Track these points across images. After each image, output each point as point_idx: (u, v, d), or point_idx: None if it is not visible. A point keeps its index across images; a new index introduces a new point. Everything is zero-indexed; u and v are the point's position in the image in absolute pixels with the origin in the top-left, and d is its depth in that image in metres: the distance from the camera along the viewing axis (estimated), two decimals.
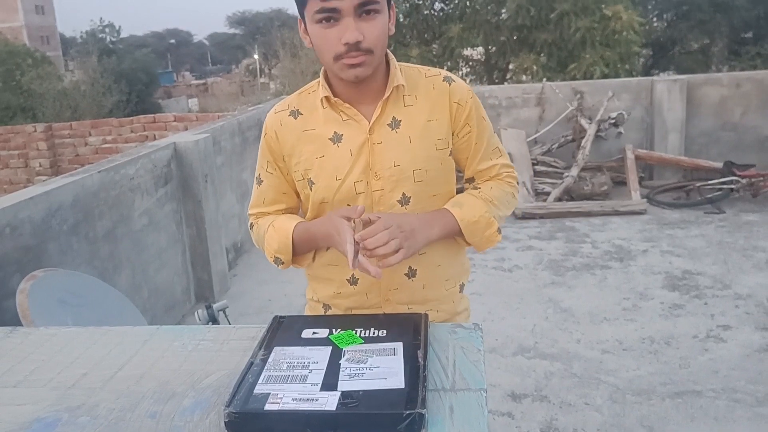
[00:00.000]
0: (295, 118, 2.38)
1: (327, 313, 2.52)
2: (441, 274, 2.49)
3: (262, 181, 2.51)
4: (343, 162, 2.29)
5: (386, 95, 2.29)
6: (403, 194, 2.31)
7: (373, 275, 2.01)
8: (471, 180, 2.53)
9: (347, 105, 2.29)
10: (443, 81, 2.38)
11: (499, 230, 2.45)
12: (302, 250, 2.41)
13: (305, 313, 2.65)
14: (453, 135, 2.39)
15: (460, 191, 2.47)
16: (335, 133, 2.31)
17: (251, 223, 2.59)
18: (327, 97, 2.30)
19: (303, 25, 2.25)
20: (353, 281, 2.41)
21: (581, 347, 5.66)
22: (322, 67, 2.35)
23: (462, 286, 2.62)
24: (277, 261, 2.43)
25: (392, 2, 2.25)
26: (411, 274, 2.41)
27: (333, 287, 2.47)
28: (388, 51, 2.33)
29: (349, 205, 2.29)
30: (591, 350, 5.60)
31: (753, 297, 6.43)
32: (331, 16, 2.09)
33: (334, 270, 2.43)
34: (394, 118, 2.30)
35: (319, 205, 2.37)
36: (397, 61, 2.35)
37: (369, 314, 2.37)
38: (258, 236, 2.53)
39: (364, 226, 2.10)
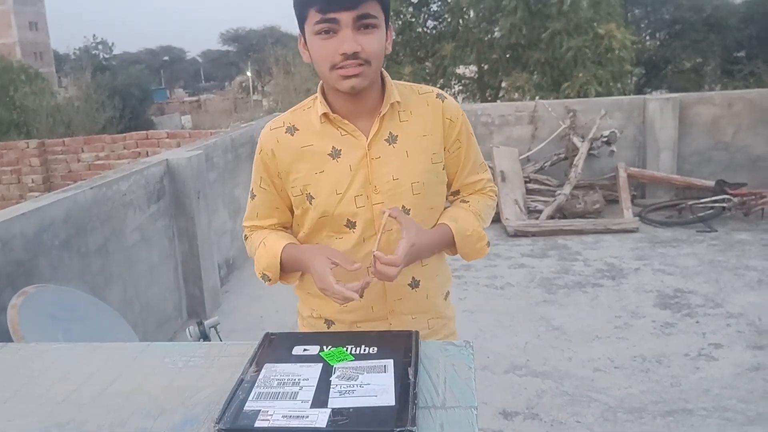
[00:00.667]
0: (292, 135, 2.43)
1: (330, 329, 2.58)
2: (439, 284, 2.62)
3: (255, 195, 2.57)
4: (343, 177, 2.36)
5: (383, 111, 2.36)
6: (403, 206, 2.38)
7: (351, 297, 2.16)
8: (456, 192, 2.65)
9: (345, 121, 2.36)
10: (436, 98, 2.48)
11: (488, 243, 2.62)
12: (289, 270, 2.50)
13: (301, 326, 2.73)
14: (445, 150, 2.48)
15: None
16: (334, 148, 2.37)
17: (245, 235, 2.66)
18: (325, 114, 2.37)
19: (303, 39, 2.34)
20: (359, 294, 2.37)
21: (573, 365, 5.66)
22: (319, 84, 2.43)
23: (447, 294, 2.74)
24: (265, 278, 2.51)
25: (390, 24, 2.34)
26: (414, 284, 2.49)
27: (338, 303, 2.41)
28: (383, 69, 2.41)
29: (349, 220, 2.39)
30: (582, 368, 5.60)
31: (744, 316, 6.44)
32: (330, 27, 2.18)
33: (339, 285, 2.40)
34: (390, 133, 2.39)
35: (318, 219, 2.42)
36: (393, 81, 2.42)
37: (360, 331, 2.45)
38: (250, 250, 2.60)
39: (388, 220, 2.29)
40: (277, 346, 1.90)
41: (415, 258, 2.36)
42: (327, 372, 1.72)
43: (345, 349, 1.85)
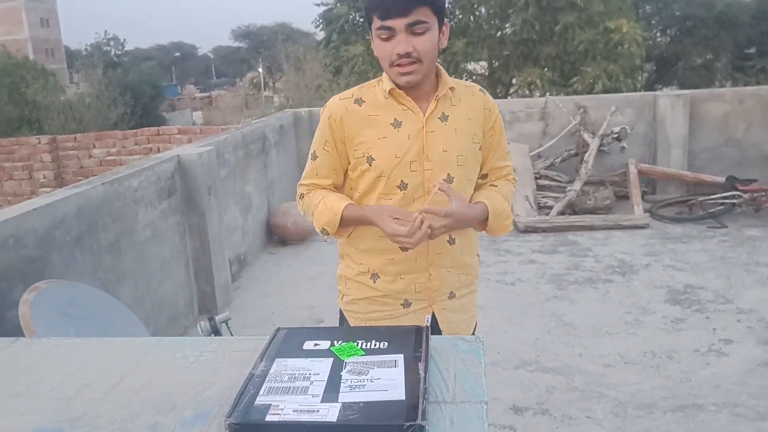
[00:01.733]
0: (360, 105, 2.86)
1: (376, 282, 3.00)
2: (472, 244, 3.09)
3: (317, 157, 2.97)
4: (402, 144, 2.79)
5: (440, 94, 2.83)
6: (448, 174, 2.83)
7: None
8: (485, 176, 3.09)
9: (408, 98, 2.81)
10: (479, 91, 3.01)
11: (513, 221, 3.14)
12: (347, 226, 2.92)
13: (342, 294, 3.17)
14: (483, 134, 2.96)
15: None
16: (395, 119, 2.81)
17: (302, 194, 3.06)
18: (391, 90, 2.80)
19: (373, 39, 2.78)
20: (404, 248, 2.86)
21: (583, 361, 5.66)
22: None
23: (478, 255, 3.18)
24: (324, 232, 2.94)
25: (445, 20, 2.79)
26: (452, 241, 2.94)
27: (386, 255, 2.94)
28: (438, 64, 2.86)
29: (402, 181, 2.81)
30: (593, 364, 5.59)
31: (755, 311, 6.43)
32: (388, 34, 2.65)
33: (387, 241, 2.81)
34: (443, 113, 2.85)
35: (376, 178, 2.84)
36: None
37: (370, 326, 2.71)
38: (307, 207, 3.02)
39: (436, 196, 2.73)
40: (287, 341, 1.90)
41: (455, 225, 2.76)
42: (337, 366, 1.72)
43: (356, 343, 1.85)
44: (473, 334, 3.12)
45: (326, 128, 2.89)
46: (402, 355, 1.77)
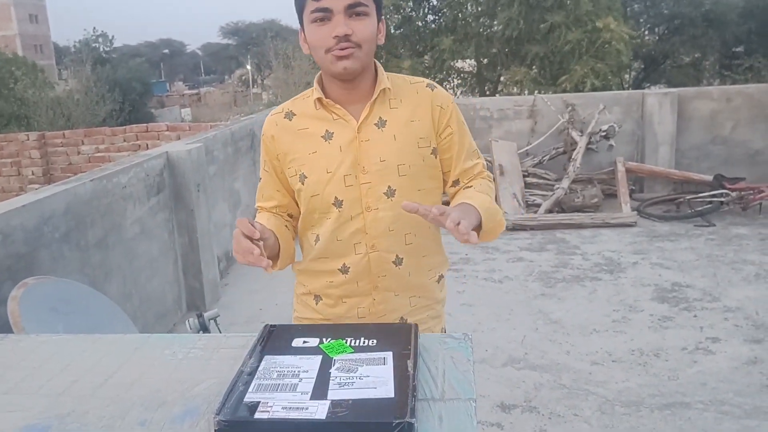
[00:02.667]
0: (290, 120, 2.62)
1: (318, 304, 2.73)
2: (425, 264, 2.70)
3: (260, 178, 2.75)
4: (334, 157, 2.51)
5: (374, 97, 2.53)
6: (389, 187, 2.52)
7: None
8: (456, 182, 2.72)
9: (338, 106, 2.53)
10: (426, 87, 2.64)
11: (503, 213, 2.68)
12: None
13: (294, 309, 2.89)
14: (437, 135, 2.62)
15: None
16: (327, 131, 2.54)
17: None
18: (319, 99, 2.54)
19: (303, 34, 2.53)
20: (344, 270, 2.60)
21: (571, 359, 5.67)
22: (317, 74, 2.61)
23: (441, 277, 2.81)
24: None
25: (383, 17, 2.56)
26: (398, 262, 2.60)
27: (325, 278, 2.66)
28: (377, 61, 2.60)
29: (336, 198, 2.52)
30: (580, 362, 5.61)
31: (742, 310, 6.45)
32: (324, 15, 2.37)
33: (325, 262, 2.63)
34: (380, 118, 2.54)
35: (311, 198, 2.57)
36: (387, 73, 2.55)
37: (359, 323, 2.52)
38: None
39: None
40: (276, 338, 1.90)
41: (471, 225, 2.26)
42: (326, 364, 1.73)
43: (344, 341, 1.85)
44: None
45: (263, 147, 2.70)
46: (391, 353, 1.78)
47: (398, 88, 2.61)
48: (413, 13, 22.56)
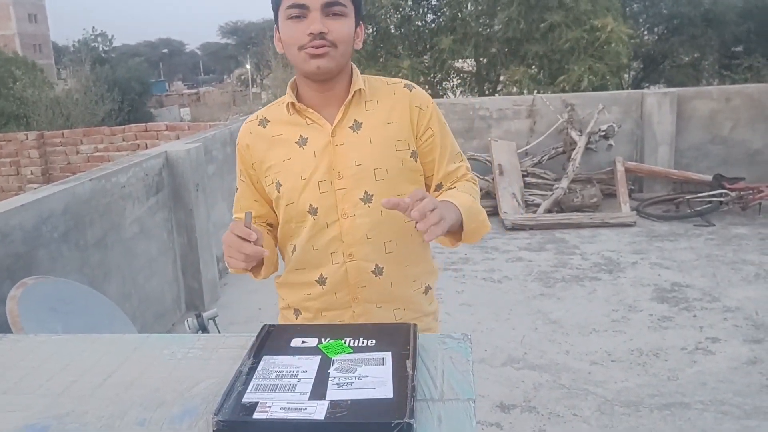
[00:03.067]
0: (264, 127, 2.55)
1: (297, 319, 2.67)
2: (408, 274, 2.58)
3: (237, 188, 2.73)
4: (308, 163, 2.43)
5: (348, 98, 2.44)
6: (366, 192, 2.42)
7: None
8: (440, 186, 2.60)
9: (311, 110, 2.45)
10: (404, 87, 2.55)
11: (486, 215, 2.57)
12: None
13: (280, 317, 2.85)
14: (416, 138, 2.52)
15: None
16: (300, 136, 2.46)
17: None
18: (292, 103, 2.47)
19: (278, 32, 2.44)
20: (322, 281, 2.52)
21: (570, 358, 5.67)
22: (291, 79, 2.57)
23: (428, 288, 2.68)
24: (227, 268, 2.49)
25: (361, 22, 2.48)
26: (378, 271, 2.49)
27: (302, 290, 2.59)
28: (353, 64, 2.52)
29: (311, 205, 2.43)
30: (580, 362, 5.61)
31: (741, 310, 6.45)
32: (300, 12, 2.29)
33: (302, 273, 2.56)
34: (355, 121, 2.45)
35: (286, 206, 2.49)
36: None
37: (358, 324, 2.45)
38: None
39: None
40: (275, 338, 1.90)
41: (447, 216, 2.15)
42: (325, 364, 1.73)
43: (343, 341, 1.85)
44: None
45: (238, 157, 2.67)
46: (390, 353, 1.77)
47: (374, 89, 2.53)
48: (412, 12, 22.53)
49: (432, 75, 22.22)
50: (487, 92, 23.35)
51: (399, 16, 22.23)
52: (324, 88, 2.44)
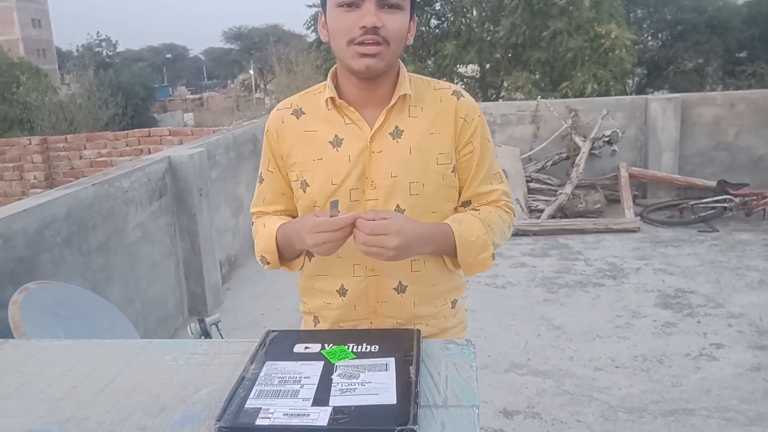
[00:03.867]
0: (298, 118, 2.35)
1: (316, 326, 2.49)
2: (433, 293, 2.42)
3: (263, 179, 2.49)
4: (341, 167, 2.25)
5: (391, 103, 2.25)
6: (397, 206, 2.24)
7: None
8: (467, 203, 2.43)
9: (351, 109, 2.27)
10: (452, 95, 2.34)
11: (493, 256, 2.38)
12: (286, 251, 2.36)
13: (301, 327, 2.63)
14: (456, 152, 2.33)
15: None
16: (336, 136, 2.27)
17: (252, 222, 2.54)
18: (332, 99, 2.28)
19: (323, 17, 2.26)
20: (342, 292, 2.37)
21: (573, 364, 5.66)
22: (331, 69, 2.35)
23: (454, 302, 2.53)
24: (263, 260, 2.40)
25: (415, 15, 2.28)
26: (401, 289, 2.35)
27: (322, 298, 2.43)
28: (400, 61, 2.31)
29: (339, 211, 2.13)
30: (583, 368, 5.59)
31: (745, 316, 6.44)
32: (352, 1, 2.09)
33: (324, 280, 2.40)
34: (396, 127, 2.26)
35: (310, 207, 2.32)
36: (410, 74, 2.34)
37: (362, 329, 2.36)
38: (254, 235, 2.48)
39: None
40: (278, 344, 1.89)
41: (407, 250, 2.09)
42: (328, 370, 1.72)
43: (346, 347, 1.84)
44: None
45: (266, 145, 2.43)
46: (393, 359, 1.76)
47: (420, 94, 2.32)
48: (417, 17, 22.60)
49: None
50: (490, 98, 23.38)
51: None
52: (368, 86, 2.25)
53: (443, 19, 23.35)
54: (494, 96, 23.75)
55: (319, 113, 2.32)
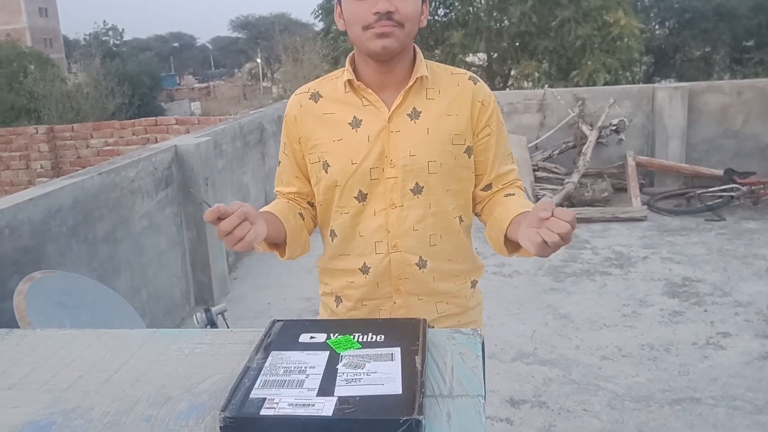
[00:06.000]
0: (316, 102, 2.44)
1: (338, 306, 2.57)
2: (451, 269, 2.52)
3: (280, 162, 2.59)
4: (360, 147, 2.34)
5: (409, 84, 2.34)
6: (416, 184, 2.35)
7: None
8: (488, 187, 2.54)
9: (369, 90, 2.35)
10: (468, 79, 2.46)
11: None
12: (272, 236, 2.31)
13: (319, 311, 2.76)
14: (474, 134, 2.44)
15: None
16: (354, 117, 2.36)
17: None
18: (350, 81, 2.37)
19: (338, 7, 2.33)
20: (365, 270, 2.45)
21: (580, 353, 5.65)
22: (349, 54, 2.44)
23: (474, 283, 2.64)
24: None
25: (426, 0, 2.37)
26: (422, 264, 2.44)
27: (345, 277, 2.51)
28: (416, 45, 2.42)
29: (361, 191, 2.37)
30: (590, 356, 5.59)
31: (753, 304, 6.43)
32: None
33: (345, 260, 2.48)
34: (414, 108, 2.36)
35: (332, 188, 2.41)
36: (426, 60, 2.41)
37: (367, 319, 2.43)
38: None
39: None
40: (283, 334, 1.88)
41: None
42: (334, 360, 1.71)
43: (352, 336, 1.84)
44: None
45: (284, 129, 2.52)
46: (399, 349, 1.75)
47: (437, 77, 2.43)
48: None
49: None
50: (498, 87, 23.37)
51: None
52: (385, 69, 2.35)
53: (451, 7, 23.31)
54: (501, 85, 23.75)
55: (337, 96, 2.41)
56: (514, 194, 2.49)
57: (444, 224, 2.43)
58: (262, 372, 1.66)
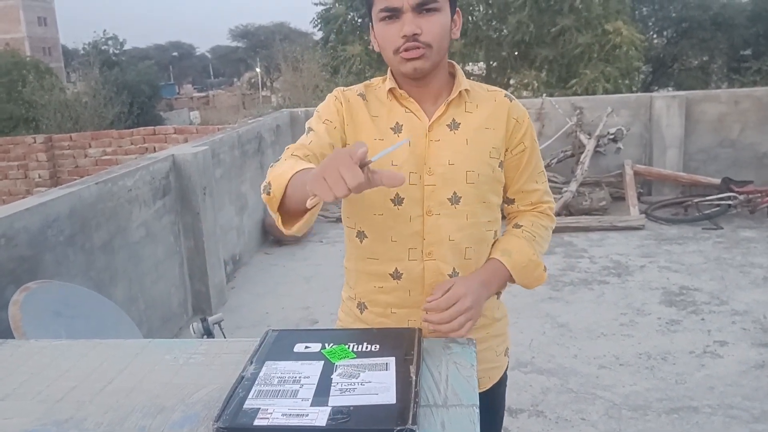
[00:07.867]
0: (363, 100, 2.43)
1: (362, 314, 2.50)
2: None
3: (311, 130, 2.36)
4: (401, 150, 2.31)
5: (452, 97, 2.36)
6: (454, 193, 2.33)
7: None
8: (511, 201, 2.57)
9: (411, 99, 2.37)
10: (504, 97, 2.48)
11: (544, 268, 2.51)
12: (294, 194, 1.97)
13: (339, 315, 2.66)
14: (507, 151, 2.45)
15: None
16: (397, 123, 2.37)
17: (279, 158, 2.24)
18: (392, 90, 2.39)
19: (373, 31, 2.36)
20: (397, 276, 2.39)
21: (578, 362, 5.65)
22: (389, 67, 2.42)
23: (499, 294, 2.61)
24: (266, 188, 2.06)
25: (457, 7, 2.37)
26: (454, 275, 2.38)
27: (373, 282, 2.44)
28: (455, 63, 2.46)
29: (398, 194, 2.31)
30: (588, 365, 5.59)
31: (750, 313, 6.43)
32: (392, 14, 2.21)
33: (375, 264, 2.41)
34: (454, 119, 2.37)
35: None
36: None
37: (362, 329, 2.40)
38: (272, 166, 2.17)
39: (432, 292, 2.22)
40: (278, 344, 1.89)
41: (479, 302, 2.24)
42: (328, 370, 1.71)
43: (347, 346, 1.84)
44: (500, 388, 2.68)
45: (331, 106, 2.41)
46: (393, 358, 1.76)
47: (475, 92, 2.45)
48: None
49: None
50: None
51: None
52: (421, 84, 2.36)
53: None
54: None
55: (380, 102, 2.42)
56: (521, 226, 2.52)
57: (478, 236, 2.42)
58: (257, 382, 1.66)
